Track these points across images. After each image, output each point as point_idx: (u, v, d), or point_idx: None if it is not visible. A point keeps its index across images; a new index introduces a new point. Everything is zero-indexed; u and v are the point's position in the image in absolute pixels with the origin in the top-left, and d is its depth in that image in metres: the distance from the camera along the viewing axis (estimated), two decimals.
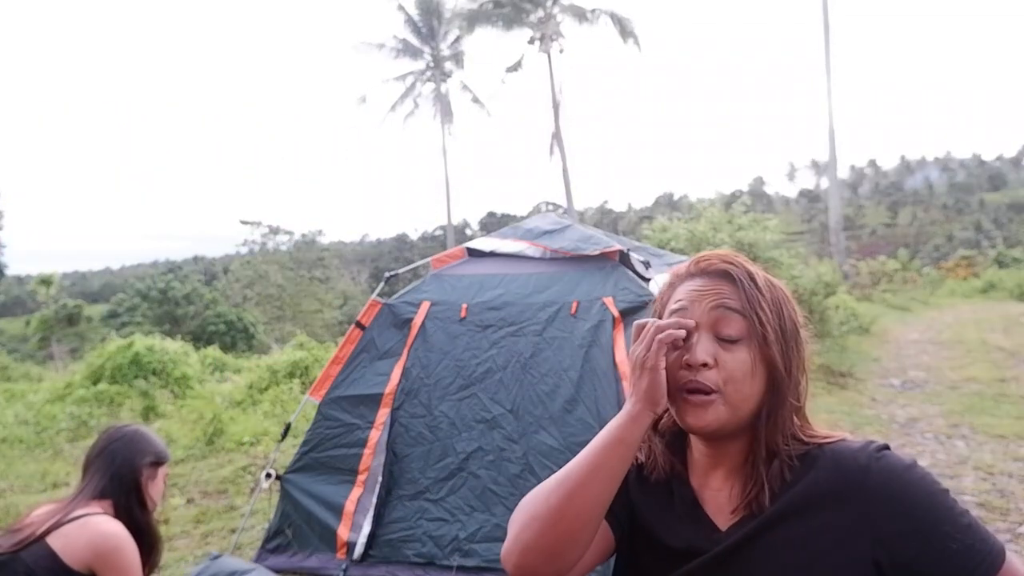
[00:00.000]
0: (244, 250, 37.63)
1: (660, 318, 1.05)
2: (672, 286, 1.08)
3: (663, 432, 1.11)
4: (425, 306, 3.67)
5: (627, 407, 0.98)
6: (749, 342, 0.99)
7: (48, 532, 1.89)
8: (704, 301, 1.01)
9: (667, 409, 1.02)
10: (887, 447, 0.99)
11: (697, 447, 1.08)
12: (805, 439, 1.02)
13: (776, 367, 0.99)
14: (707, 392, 0.98)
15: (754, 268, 1.04)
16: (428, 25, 32.12)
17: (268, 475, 3.60)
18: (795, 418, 1.03)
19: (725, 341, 0.99)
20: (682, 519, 1.06)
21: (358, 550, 3.28)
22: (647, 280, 3.50)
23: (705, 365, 0.98)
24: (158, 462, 2.13)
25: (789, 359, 1.01)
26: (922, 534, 0.91)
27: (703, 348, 0.98)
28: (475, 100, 32.09)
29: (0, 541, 1.91)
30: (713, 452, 1.06)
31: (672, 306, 1.04)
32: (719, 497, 1.05)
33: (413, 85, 32.58)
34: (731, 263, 1.03)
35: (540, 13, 26.58)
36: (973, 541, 0.91)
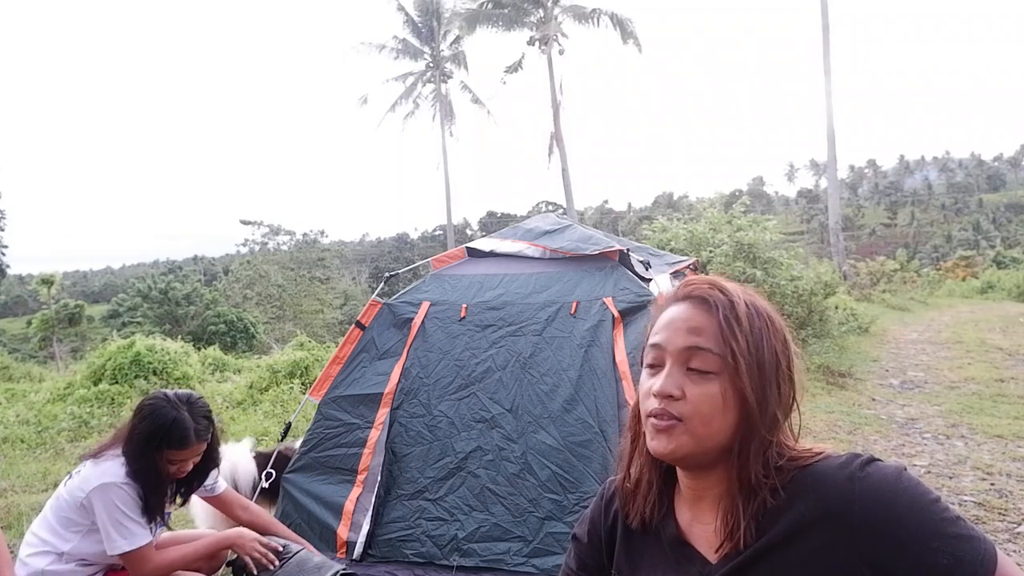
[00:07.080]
0: (244, 250, 37.62)
1: (647, 339, 1.06)
2: (660, 308, 1.08)
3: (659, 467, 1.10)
4: (425, 306, 3.69)
5: None
6: (720, 376, 0.97)
7: None
8: (679, 333, 1.00)
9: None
10: (872, 460, 0.96)
11: (682, 479, 1.08)
12: (787, 467, 0.99)
13: (747, 401, 0.97)
14: (672, 419, 0.98)
15: (739, 295, 1.02)
16: (428, 26, 32.12)
17: (268, 475, 3.61)
18: (777, 448, 1.00)
19: (695, 373, 0.98)
20: (671, 561, 1.06)
21: (357, 550, 3.28)
22: (647, 280, 3.52)
23: (671, 396, 0.98)
24: None
25: (764, 393, 0.97)
26: (910, 552, 0.90)
27: (671, 380, 0.99)
28: (475, 100, 32.11)
29: None
30: (695, 484, 1.05)
31: (652, 338, 1.04)
32: (707, 531, 1.04)
33: (413, 85, 32.59)
34: (714, 290, 1.02)
35: (540, 14, 26.58)
36: (963, 553, 0.89)
